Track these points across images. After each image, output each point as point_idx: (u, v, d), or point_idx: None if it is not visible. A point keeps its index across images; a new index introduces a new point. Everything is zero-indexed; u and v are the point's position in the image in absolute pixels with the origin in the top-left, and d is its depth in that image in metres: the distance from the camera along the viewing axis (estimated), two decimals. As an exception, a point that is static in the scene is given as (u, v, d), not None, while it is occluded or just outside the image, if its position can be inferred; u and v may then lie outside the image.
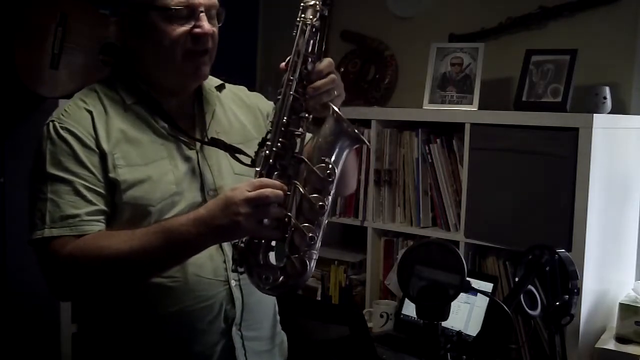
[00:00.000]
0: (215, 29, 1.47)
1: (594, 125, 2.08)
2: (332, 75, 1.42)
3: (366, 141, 1.41)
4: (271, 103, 1.70)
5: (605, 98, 2.25)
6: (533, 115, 2.26)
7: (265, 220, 1.27)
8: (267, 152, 1.34)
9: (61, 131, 1.41)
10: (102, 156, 1.41)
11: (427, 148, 2.54)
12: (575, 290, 1.55)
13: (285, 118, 1.36)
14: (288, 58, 1.43)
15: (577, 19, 2.49)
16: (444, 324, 1.36)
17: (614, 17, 2.42)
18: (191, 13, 1.43)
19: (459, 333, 1.42)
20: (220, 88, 1.62)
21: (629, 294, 2.31)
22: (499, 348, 1.45)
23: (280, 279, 1.31)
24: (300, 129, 1.36)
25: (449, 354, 1.37)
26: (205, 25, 1.43)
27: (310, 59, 1.43)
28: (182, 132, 1.49)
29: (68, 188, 1.38)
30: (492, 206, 2.30)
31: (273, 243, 1.33)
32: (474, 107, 2.50)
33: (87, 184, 1.39)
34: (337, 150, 1.35)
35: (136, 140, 1.44)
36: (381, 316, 2.53)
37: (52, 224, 1.37)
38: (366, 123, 2.68)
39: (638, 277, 2.47)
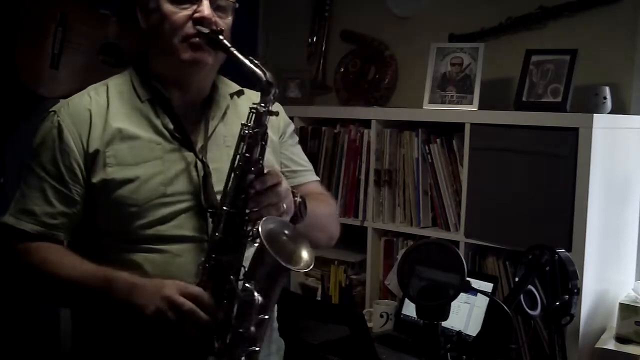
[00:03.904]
0: (221, 21, 1.47)
1: (594, 125, 2.08)
2: (278, 189, 1.36)
3: (292, 268, 1.33)
4: (288, 119, 1.70)
5: (605, 98, 2.25)
6: (533, 115, 2.25)
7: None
8: (205, 264, 1.36)
9: (54, 125, 1.44)
10: (92, 156, 1.42)
11: (427, 148, 2.53)
12: (575, 290, 1.55)
13: (219, 234, 1.36)
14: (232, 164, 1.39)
15: (577, 19, 2.49)
16: (444, 324, 1.36)
17: (614, 17, 2.41)
18: None
19: (459, 333, 1.42)
20: (238, 94, 1.61)
21: (629, 294, 2.31)
22: (499, 348, 1.45)
23: None
24: (236, 247, 1.35)
25: (449, 354, 1.37)
26: (206, 10, 1.43)
27: (253, 169, 1.37)
28: (182, 133, 1.48)
29: (37, 184, 1.44)
30: (492, 206, 2.30)
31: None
32: (474, 107, 2.50)
33: (55, 184, 1.43)
34: (266, 274, 1.33)
35: (133, 138, 1.45)
36: (381, 316, 2.53)
37: (14, 213, 1.45)
38: (366, 123, 2.68)
39: (638, 277, 2.47)
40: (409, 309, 2.48)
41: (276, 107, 1.67)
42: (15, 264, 1.45)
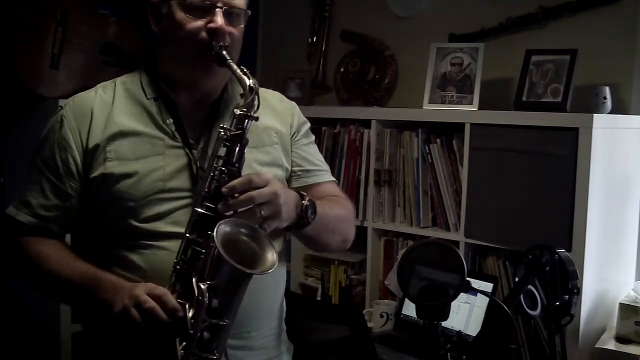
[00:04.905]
0: (235, 30, 1.46)
1: (594, 125, 2.08)
2: (251, 194, 1.33)
3: (253, 272, 1.31)
4: (304, 118, 1.71)
5: (605, 98, 2.25)
6: (533, 115, 2.25)
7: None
8: (176, 266, 1.36)
9: (57, 120, 1.47)
10: (91, 152, 1.44)
11: (427, 148, 2.54)
12: (575, 290, 1.55)
13: (191, 234, 1.36)
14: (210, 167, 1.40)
15: (577, 19, 2.49)
16: (444, 324, 1.36)
17: (614, 17, 2.41)
18: (209, 8, 1.43)
19: (459, 333, 1.42)
20: None
21: (629, 294, 2.31)
22: (499, 348, 1.45)
23: None
24: (205, 250, 1.34)
25: (449, 354, 1.37)
26: (219, 20, 1.43)
27: (226, 171, 1.37)
28: (182, 134, 1.48)
29: (36, 176, 1.47)
30: (492, 206, 2.30)
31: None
32: (474, 107, 2.50)
33: (51, 177, 1.45)
34: (224, 277, 1.30)
35: (135, 134, 1.46)
36: (381, 316, 2.53)
37: (16, 204, 1.49)
38: (366, 123, 2.68)
39: (638, 277, 2.47)
40: (409, 309, 2.48)
41: (291, 105, 1.70)
42: (15, 255, 1.50)
